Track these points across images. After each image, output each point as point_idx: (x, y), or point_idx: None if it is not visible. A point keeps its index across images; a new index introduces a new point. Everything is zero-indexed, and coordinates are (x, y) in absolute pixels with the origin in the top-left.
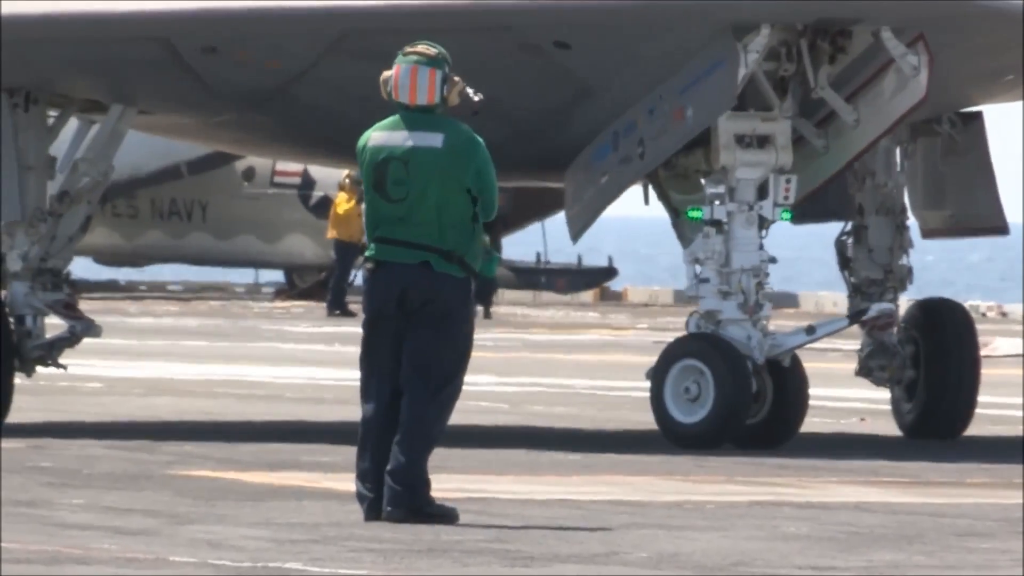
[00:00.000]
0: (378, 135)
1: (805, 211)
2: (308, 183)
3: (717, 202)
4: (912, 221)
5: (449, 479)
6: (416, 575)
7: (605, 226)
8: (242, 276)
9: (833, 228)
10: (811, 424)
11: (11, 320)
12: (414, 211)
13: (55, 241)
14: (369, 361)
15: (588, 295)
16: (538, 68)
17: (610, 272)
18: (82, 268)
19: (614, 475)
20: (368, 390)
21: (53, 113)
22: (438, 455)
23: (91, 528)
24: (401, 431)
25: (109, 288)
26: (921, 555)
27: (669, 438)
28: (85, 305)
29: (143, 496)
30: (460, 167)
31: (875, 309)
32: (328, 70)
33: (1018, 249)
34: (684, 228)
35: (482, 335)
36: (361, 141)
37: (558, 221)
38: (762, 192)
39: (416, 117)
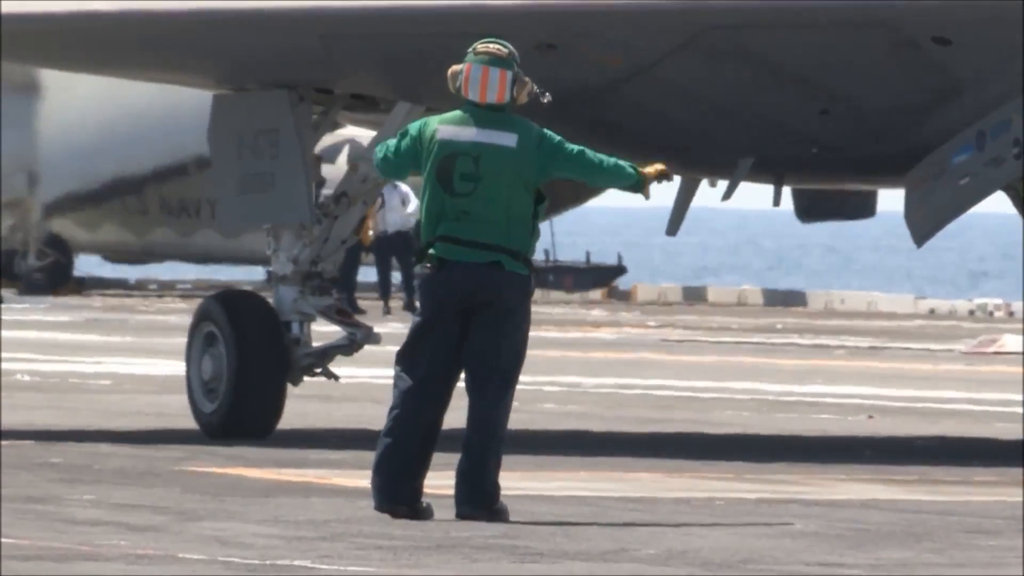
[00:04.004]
0: (446, 128)
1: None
2: (317, 182)
3: None
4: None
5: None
6: (425, 572)
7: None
8: (251, 274)
9: (835, 226)
10: (818, 422)
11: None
12: (479, 207)
13: (327, 244)
14: (419, 363)
15: (597, 293)
16: (905, 65)
17: (619, 270)
18: (92, 266)
19: (623, 472)
20: (415, 391)
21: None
22: (445, 455)
23: (100, 524)
24: (473, 433)
25: (119, 286)
26: (929, 552)
27: None
28: (94, 302)
29: (152, 492)
30: (531, 167)
31: None
32: (673, 69)
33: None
34: None
35: None
36: (416, 127)
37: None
38: None
39: (486, 114)
